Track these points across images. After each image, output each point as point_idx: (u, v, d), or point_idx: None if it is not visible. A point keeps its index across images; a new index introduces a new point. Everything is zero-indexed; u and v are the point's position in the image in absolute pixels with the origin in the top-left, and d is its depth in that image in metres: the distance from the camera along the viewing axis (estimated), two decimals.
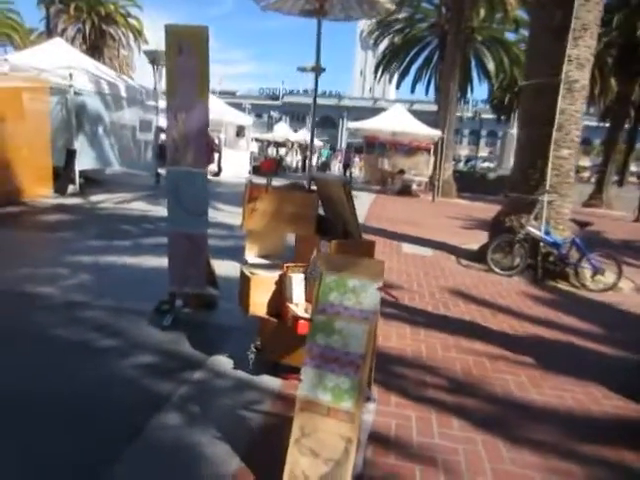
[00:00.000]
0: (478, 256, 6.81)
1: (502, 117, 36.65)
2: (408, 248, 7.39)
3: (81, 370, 2.78)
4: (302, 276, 2.76)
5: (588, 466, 2.28)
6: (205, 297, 3.86)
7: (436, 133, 16.89)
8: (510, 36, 22.09)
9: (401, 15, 22.95)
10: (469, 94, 28.46)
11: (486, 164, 53.34)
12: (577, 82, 6.11)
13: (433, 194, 16.06)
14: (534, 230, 6.09)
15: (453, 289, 5.26)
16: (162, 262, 4.98)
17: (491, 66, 22.29)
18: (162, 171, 14.89)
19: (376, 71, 26.24)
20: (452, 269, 6.36)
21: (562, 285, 5.96)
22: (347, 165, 24.90)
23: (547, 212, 6.19)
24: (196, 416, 2.37)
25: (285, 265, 2.79)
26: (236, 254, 3.99)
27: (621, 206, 20.16)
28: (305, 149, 28.00)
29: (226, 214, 8.35)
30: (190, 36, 3.35)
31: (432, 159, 18.96)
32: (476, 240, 8.01)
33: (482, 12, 18.57)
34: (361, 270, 1.87)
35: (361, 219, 9.41)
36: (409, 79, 26.83)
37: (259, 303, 2.79)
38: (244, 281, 2.85)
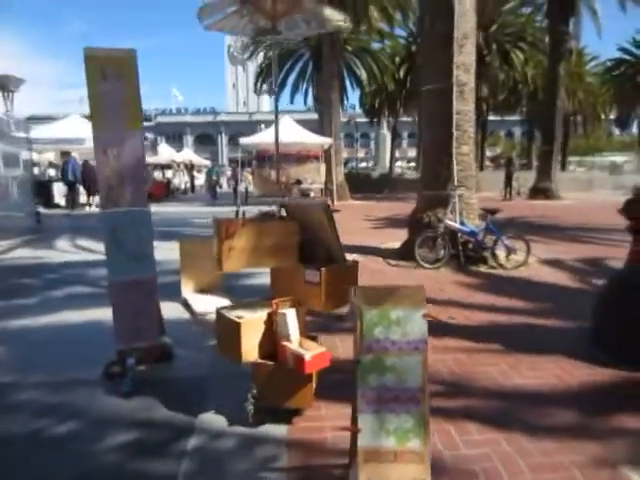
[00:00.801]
0: (402, 254, 7.09)
1: (374, 120, 39.07)
2: None
3: (42, 475, 2.25)
4: (294, 311, 2.56)
5: (602, 438, 2.43)
6: (161, 349, 3.43)
7: (326, 141, 17.37)
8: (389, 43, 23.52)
9: None
10: (345, 101, 29.89)
11: (363, 164, 56.62)
12: (466, 85, 6.70)
13: (332, 199, 16.48)
14: (451, 223, 6.52)
15: None
16: (87, 316, 4.39)
17: (363, 74, 23.60)
18: (43, 210, 13.34)
19: (256, 84, 26.25)
20: (384, 270, 6.51)
21: (483, 268, 6.45)
22: (236, 181, 24.47)
23: (459, 205, 6.67)
24: None
25: (274, 302, 2.57)
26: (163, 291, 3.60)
27: (487, 187, 22.74)
28: (191, 169, 26.93)
29: None
30: (115, 61, 2.95)
31: (322, 166, 19.47)
32: (392, 239, 8.35)
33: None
34: (402, 299, 1.76)
35: None
36: (287, 90, 27.34)
37: (250, 348, 2.53)
38: (229, 327, 2.55)
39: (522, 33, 22.89)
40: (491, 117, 34.06)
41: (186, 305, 4.70)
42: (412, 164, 52.82)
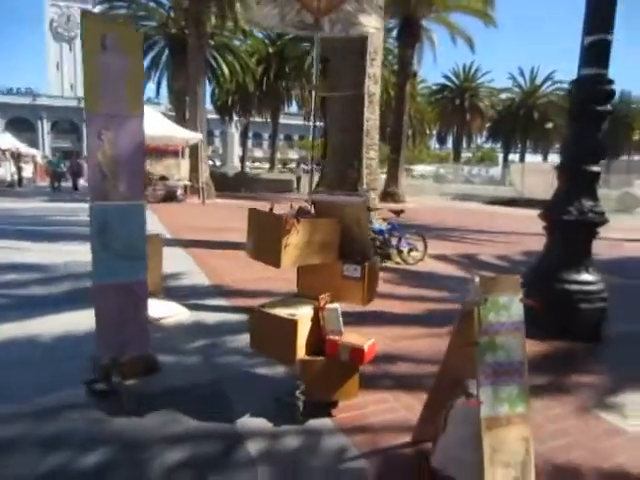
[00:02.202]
0: None
1: (227, 117, 38.58)
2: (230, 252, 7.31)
3: None
4: (338, 305, 2.61)
5: (556, 389, 3.08)
6: (150, 359, 3.06)
7: (197, 136, 16.63)
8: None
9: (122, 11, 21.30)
10: None
11: (210, 162, 55.38)
12: (374, 95, 7.30)
13: (202, 197, 15.90)
14: None
15: None
16: (43, 326, 3.71)
17: (225, 71, 23.18)
18: None
19: None
20: None
21: (390, 264, 7.10)
22: (76, 174, 21.78)
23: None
24: None
25: (321, 298, 2.58)
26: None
27: None
28: (18, 158, 22.92)
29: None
30: (116, 29, 2.56)
31: (183, 162, 18.56)
32: None
33: (213, 19, 19.04)
34: (505, 286, 2.01)
35: (165, 232, 8.72)
36: None
37: (301, 346, 2.50)
38: (280, 326, 2.47)
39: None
40: None
41: None
42: (258, 164, 53.48)
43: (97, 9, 22.08)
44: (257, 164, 55.65)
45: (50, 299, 4.68)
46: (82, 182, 20.82)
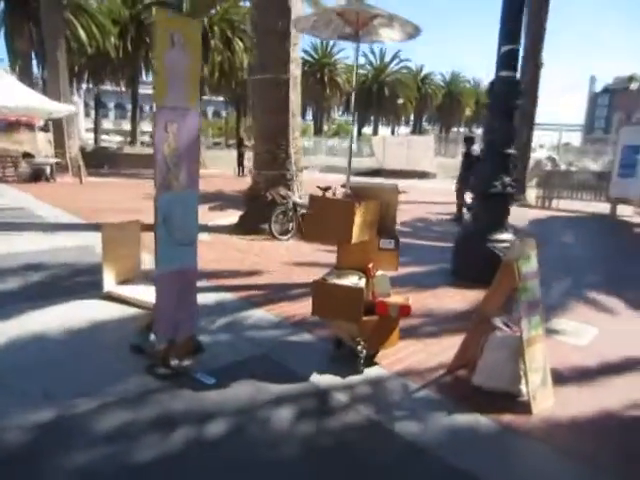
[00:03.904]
0: (244, 229, 7.62)
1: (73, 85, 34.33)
2: None
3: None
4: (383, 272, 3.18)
5: None
6: (196, 340, 3.25)
7: (68, 108, 14.76)
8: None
9: None
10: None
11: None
12: (297, 78, 7.67)
13: (80, 175, 14.43)
14: (296, 199, 7.50)
15: (288, 262, 6.04)
16: (42, 322, 3.54)
17: (82, 35, 20.61)
18: None
19: None
20: (240, 244, 6.92)
21: None
22: None
23: (299, 183, 7.71)
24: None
25: (369, 267, 3.11)
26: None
27: (222, 165, 24.29)
28: None
29: None
30: (183, 26, 2.64)
31: (40, 135, 16.38)
32: (215, 217, 8.66)
33: None
34: (529, 247, 2.81)
35: (74, 217, 8.07)
36: None
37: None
38: (345, 294, 2.93)
39: (241, 24, 24.79)
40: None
41: (116, 299, 4.13)
42: (106, 136, 48.59)
43: None
44: (105, 136, 50.41)
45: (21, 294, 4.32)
46: None
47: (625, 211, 11.96)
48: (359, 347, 3.04)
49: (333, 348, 3.39)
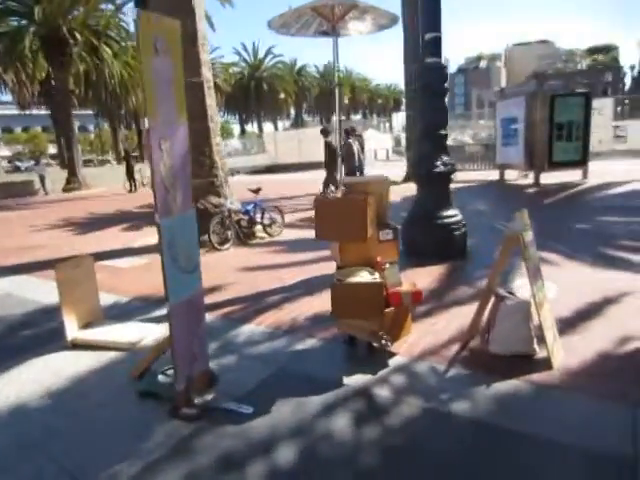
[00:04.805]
0: None
1: None
2: (109, 263, 6.57)
3: None
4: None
5: None
6: (210, 371, 2.99)
7: None
8: None
9: None
10: None
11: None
12: (210, 81, 7.33)
13: None
14: (232, 205, 7.21)
15: (243, 270, 5.78)
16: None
17: None
18: None
19: None
20: None
21: (258, 240, 7.53)
22: None
23: (228, 189, 7.41)
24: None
25: (378, 260, 3.11)
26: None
27: (109, 182, 22.49)
28: None
29: None
30: (165, 31, 2.37)
31: None
32: (131, 237, 8.00)
33: None
34: (528, 219, 3.03)
35: None
36: None
37: None
38: (366, 291, 2.91)
39: (106, 29, 22.80)
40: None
41: (84, 346, 3.63)
42: None
43: None
44: None
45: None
46: None
47: (511, 175, 13.46)
48: (382, 341, 3.05)
49: (347, 347, 3.36)
